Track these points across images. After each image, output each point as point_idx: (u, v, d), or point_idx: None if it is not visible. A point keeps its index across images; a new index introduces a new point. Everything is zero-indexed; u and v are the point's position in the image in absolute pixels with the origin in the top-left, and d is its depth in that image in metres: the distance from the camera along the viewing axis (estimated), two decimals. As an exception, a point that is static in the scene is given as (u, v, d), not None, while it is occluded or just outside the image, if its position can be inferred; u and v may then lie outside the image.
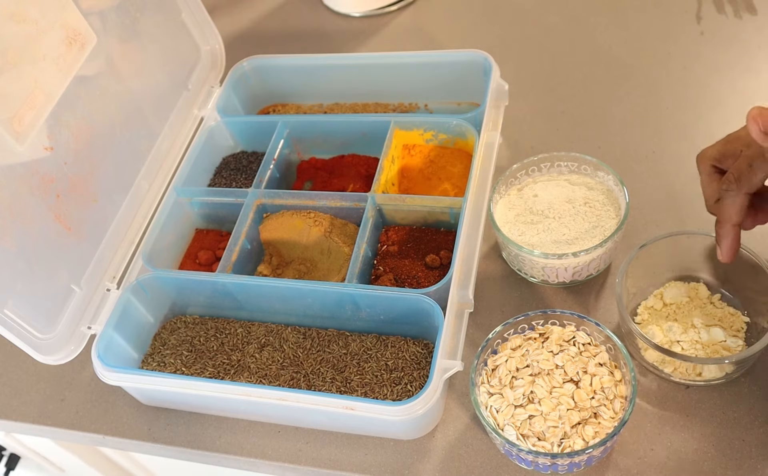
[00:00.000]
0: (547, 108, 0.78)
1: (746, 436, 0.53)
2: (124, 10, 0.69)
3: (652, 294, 0.60)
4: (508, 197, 0.66)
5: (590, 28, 0.86)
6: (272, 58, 0.82)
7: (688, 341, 0.55)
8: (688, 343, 0.55)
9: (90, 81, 0.66)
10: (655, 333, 0.57)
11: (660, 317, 0.58)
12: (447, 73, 0.76)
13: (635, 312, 0.60)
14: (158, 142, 0.74)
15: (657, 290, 0.60)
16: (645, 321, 0.59)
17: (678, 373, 0.55)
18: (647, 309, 0.60)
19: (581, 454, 0.50)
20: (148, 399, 0.64)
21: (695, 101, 0.75)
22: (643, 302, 0.60)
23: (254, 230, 0.71)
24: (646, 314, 0.59)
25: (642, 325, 0.58)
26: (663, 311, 0.59)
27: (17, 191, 0.59)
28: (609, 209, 0.62)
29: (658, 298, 0.60)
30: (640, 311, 0.60)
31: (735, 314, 0.57)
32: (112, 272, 0.67)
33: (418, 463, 0.57)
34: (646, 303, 0.60)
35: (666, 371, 0.56)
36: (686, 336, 0.56)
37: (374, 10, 0.95)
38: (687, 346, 0.55)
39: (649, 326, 0.58)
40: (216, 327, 0.67)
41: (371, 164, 0.75)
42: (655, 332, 0.57)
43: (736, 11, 0.82)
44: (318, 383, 0.60)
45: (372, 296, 0.60)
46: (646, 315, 0.59)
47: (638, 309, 0.60)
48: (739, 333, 0.56)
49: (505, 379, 0.54)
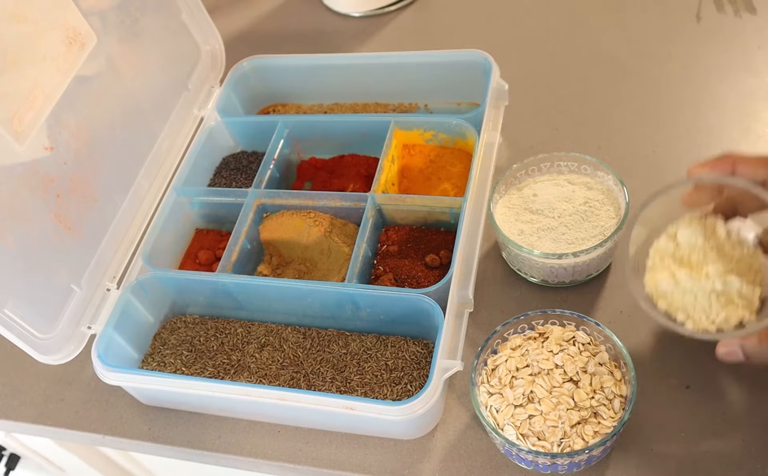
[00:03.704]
0: (547, 108, 0.78)
1: (746, 436, 0.53)
2: (124, 10, 0.69)
3: (664, 232, 0.54)
4: (508, 197, 0.66)
5: (590, 28, 0.86)
6: (272, 58, 0.82)
7: (701, 292, 0.51)
8: (702, 293, 0.51)
9: (90, 81, 0.66)
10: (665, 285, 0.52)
11: (673, 261, 0.53)
12: (447, 73, 0.76)
13: (646, 254, 0.55)
14: (158, 142, 0.74)
15: (671, 227, 0.54)
16: (655, 267, 0.54)
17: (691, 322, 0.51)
18: (658, 253, 0.54)
19: (581, 454, 0.50)
20: (148, 399, 0.64)
21: (695, 101, 0.75)
22: (655, 242, 0.55)
23: (254, 230, 0.71)
24: (657, 258, 0.54)
25: (652, 270, 0.54)
26: (675, 254, 0.53)
27: (17, 191, 0.59)
28: (609, 209, 0.62)
29: (671, 238, 0.54)
30: (651, 253, 0.54)
31: (753, 255, 0.52)
32: (112, 272, 0.67)
33: (418, 463, 0.57)
34: (658, 245, 0.54)
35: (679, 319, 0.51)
36: (699, 286, 0.51)
37: (374, 10, 0.95)
38: (701, 297, 0.51)
39: (660, 273, 0.53)
40: (216, 327, 0.67)
41: (371, 164, 0.75)
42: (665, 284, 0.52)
43: (736, 11, 0.82)
44: (318, 383, 0.60)
45: (372, 296, 0.60)
46: (657, 259, 0.54)
47: (650, 250, 0.55)
48: (757, 275, 0.51)
49: (505, 379, 0.54)
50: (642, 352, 0.58)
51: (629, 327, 0.60)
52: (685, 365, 0.57)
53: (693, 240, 0.53)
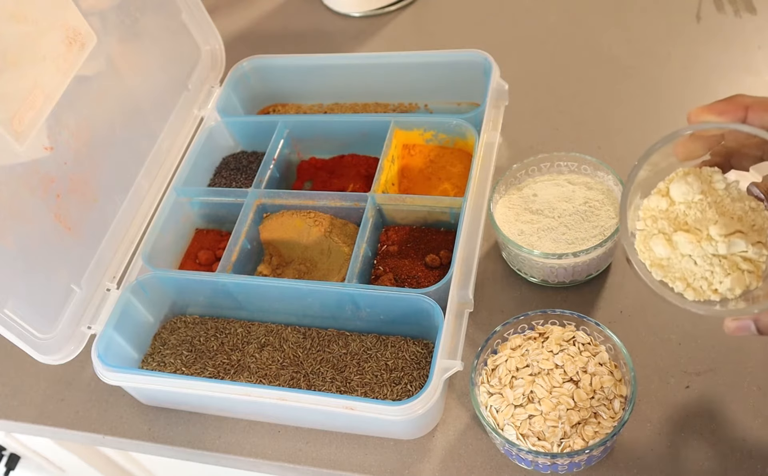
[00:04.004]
0: (547, 108, 0.78)
1: (746, 436, 0.53)
2: (124, 10, 0.69)
3: (654, 190, 0.48)
4: (508, 197, 0.66)
5: (590, 28, 0.86)
6: (272, 58, 0.82)
7: (701, 256, 0.45)
8: (702, 258, 0.45)
9: (90, 81, 0.66)
10: (660, 249, 0.46)
11: (667, 221, 0.47)
12: (447, 73, 0.76)
13: (637, 217, 0.48)
14: (158, 142, 0.74)
15: (661, 184, 0.48)
16: (648, 229, 0.47)
17: (691, 291, 0.46)
18: (650, 213, 0.48)
19: (581, 454, 0.50)
20: (148, 399, 0.64)
21: (695, 101, 0.74)
22: (644, 202, 0.48)
23: (254, 230, 0.71)
24: (649, 219, 0.48)
25: (644, 234, 0.48)
26: (669, 212, 0.47)
27: (17, 191, 0.59)
28: (609, 209, 0.62)
29: (663, 195, 0.48)
30: (641, 214, 0.48)
31: (757, 209, 0.46)
32: (112, 272, 0.67)
33: (418, 463, 0.57)
34: (648, 204, 0.48)
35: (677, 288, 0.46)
36: (699, 250, 0.45)
37: (374, 10, 0.95)
38: (701, 261, 0.45)
39: (654, 237, 0.47)
40: (216, 327, 0.67)
41: (371, 164, 0.75)
42: (660, 248, 0.46)
43: (736, 11, 0.82)
44: (318, 383, 0.60)
45: (372, 296, 0.60)
46: (649, 221, 0.47)
47: (639, 212, 0.48)
48: (762, 234, 0.46)
49: (505, 379, 0.54)
50: (642, 352, 0.58)
51: (629, 327, 0.60)
52: (685, 364, 0.57)
53: (689, 196, 0.47)
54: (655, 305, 0.61)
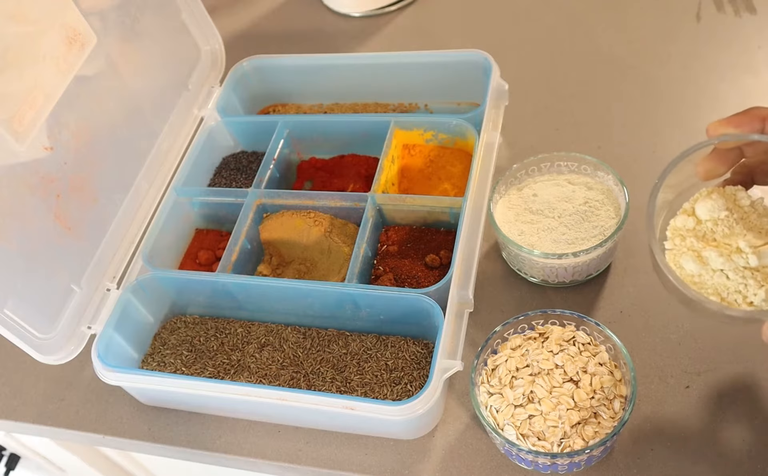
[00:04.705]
0: (547, 108, 0.78)
1: (747, 436, 0.53)
2: (124, 10, 0.69)
3: (680, 210, 0.49)
4: (508, 197, 0.66)
5: (590, 28, 0.86)
6: (272, 58, 0.82)
7: (733, 270, 0.46)
8: (734, 271, 0.46)
9: (90, 81, 0.66)
10: (691, 266, 0.47)
11: (695, 239, 0.48)
12: (447, 73, 0.76)
13: (664, 237, 0.49)
14: (158, 142, 0.74)
15: (686, 204, 0.49)
16: (676, 248, 0.48)
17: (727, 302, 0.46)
18: (678, 232, 0.48)
19: (581, 454, 0.50)
20: (148, 399, 0.64)
21: (695, 101, 0.75)
22: (671, 222, 0.49)
23: (254, 230, 0.71)
24: (677, 238, 0.48)
25: (672, 252, 0.48)
26: (697, 230, 0.48)
27: (17, 191, 0.59)
28: (609, 209, 0.62)
29: (689, 215, 0.48)
30: (669, 234, 0.49)
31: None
32: (112, 272, 0.67)
33: (418, 463, 0.57)
34: (675, 224, 0.49)
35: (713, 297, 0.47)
36: (731, 264, 0.46)
37: (374, 10, 0.95)
38: (733, 275, 0.46)
39: (683, 255, 0.47)
40: (216, 327, 0.67)
41: (371, 164, 0.75)
42: (691, 265, 0.47)
43: (736, 11, 0.82)
44: (318, 383, 0.60)
45: (372, 296, 0.60)
46: (677, 240, 0.48)
47: (667, 232, 0.49)
48: None
49: (505, 379, 0.54)
50: (642, 352, 0.58)
51: (629, 327, 0.60)
52: (685, 365, 0.57)
53: (715, 213, 0.48)
54: (655, 305, 0.61)
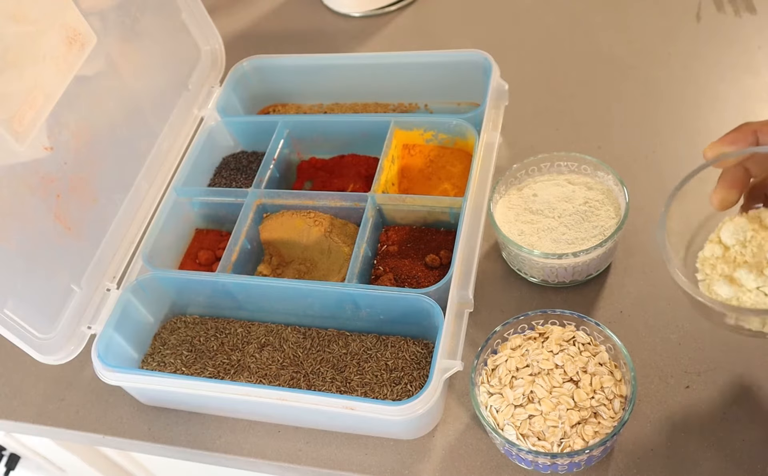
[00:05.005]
0: (547, 108, 0.78)
1: (747, 436, 0.53)
2: (124, 10, 0.69)
3: (707, 241, 0.50)
4: (508, 197, 0.66)
5: (590, 28, 0.86)
6: (272, 58, 0.82)
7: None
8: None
9: (90, 81, 0.66)
10: (726, 290, 0.47)
11: (726, 265, 0.48)
12: (447, 73, 0.76)
13: (695, 270, 0.50)
14: (158, 142, 0.74)
15: (712, 235, 0.50)
16: (708, 278, 0.49)
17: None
18: (706, 262, 0.49)
19: (581, 454, 0.50)
20: (148, 399, 0.64)
21: (695, 101, 0.75)
22: (699, 254, 0.50)
23: (254, 230, 0.71)
24: (708, 268, 0.49)
25: (705, 283, 0.49)
26: (727, 256, 0.48)
27: (17, 191, 0.59)
28: (609, 209, 0.62)
29: (716, 243, 0.49)
30: (699, 266, 0.50)
31: None
32: (112, 272, 0.67)
33: (418, 463, 0.57)
34: (703, 254, 0.50)
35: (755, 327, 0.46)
36: (764, 279, 0.46)
37: (374, 10, 0.95)
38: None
39: (716, 283, 0.48)
40: (216, 327, 0.67)
41: (371, 164, 0.75)
42: (725, 289, 0.47)
43: (736, 11, 0.82)
44: (318, 383, 0.60)
45: (372, 296, 0.60)
46: (708, 270, 0.49)
47: (696, 264, 0.50)
48: None
49: (505, 379, 0.54)
50: (642, 352, 0.58)
51: (629, 327, 0.60)
52: (685, 365, 0.57)
53: (741, 236, 0.48)
54: (655, 305, 0.61)
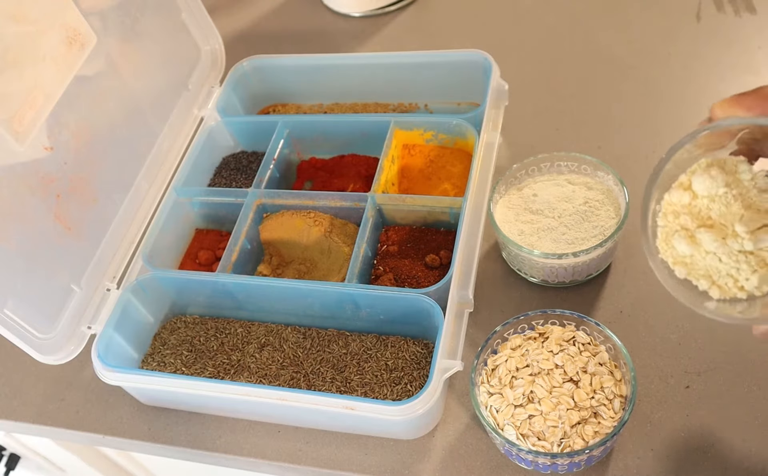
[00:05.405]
0: (547, 108, 0.78)
1: (746, 436, 0.53)
2: (124, 10, 0.69)
3: (676, 183, 0.46)
4: (508, 197, 0.66)
5: (590, 28, 0.86)
6: (272, 58, 0.82)
7: (726, 253, 0.43)
8: (728, 255, 0.43)
9: (90, 81, 0.66)
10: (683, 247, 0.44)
11: (690, 217, 0.45)
12: (447, 73, 0.76)
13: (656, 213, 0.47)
14: (158, 142, 0.74)
15: (683, 176, 0.46)
16: (669, 226, 0.46)
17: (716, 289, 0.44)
18: (671, 208, 0.46)
19: (581, 454, 0.50)
20: (148, 399, 0.64)
21: (695, 101, 0.75)
22: (665, 196, 0.46)
23: (254, 230, 0.71)
24: (671, 214, 0.46)
25: (665, 230, 0.46)
26: (692, 207, 0.45)
27: (17, 191, 0.59)
28: (609, 209, 0.62)
29: (685, 188, 0.45)
30: (662, 209, 0.46)
31: None
32: (112, 272, 0.67)
33: (418, 463, 0.57)
34: (670, 198, 0.46)
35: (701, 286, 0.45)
36: (725, 247, 0.43)
37: (374, 10, 0.95)
38: (726, 258, 0.43)
39: (677, 234, 0.45)
40: (216, 327, 0.67)
41: (371, 164, 0.75)
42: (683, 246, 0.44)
43: (736, 11, 0.82)
44: (318, 383, 0.60)
45: (372, 296, 0.60)
46: (670, 217, 0.46)
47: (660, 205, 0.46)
48: None
49: (505, 379, 0.54)
50: (642, 352, 0.58)
51: (629, 327, 0.60)
52: (685, 365, 0.57)
53: (712, 189, 0.44)
54: (655, 305, 0.61)
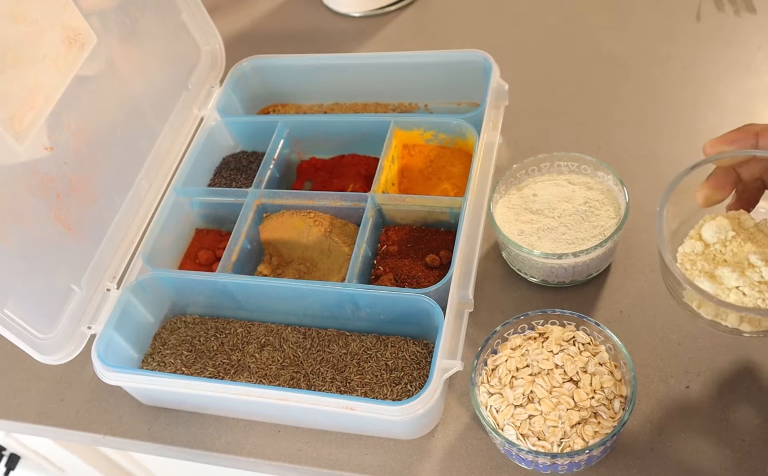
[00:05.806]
0: (547, 108, 0.78)
1: (746, 436, 0.53)
2: (124, 10, 0.69)
3: (687, 237, 0.50)
4: (508, 197, 0.66)
5: (590, 28, 0.86)
6: (272, 58, 0.82)
7: (749, 285, 0.46)
8: (750, 287, 0.46)
9: (90, 81, 0.66)
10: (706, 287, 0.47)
11: (706, 262, 0.48)
12: (447, 73, 0.76)
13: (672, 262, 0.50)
14: (158, 142, 0.74)
15: (692, 231, 0.50)
16: (688, 273, 0.49)
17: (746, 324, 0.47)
18: (686, 258, 0.50)
19: (581, 454, 0.50)
20: (148, 399, 0.64)
21: (695, 101, 0.75)
22: (680, 249, 0.50)
23: (254, 230, 0.71)
24: (687, 264, 0.49)
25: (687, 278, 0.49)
26: (707, 253, 0.49)
27: (17, 191, 0.59)
28: (609, 209, 0.62)
29: (696, 240, 0.50)
30: (679, 260, 0.50)
31: None
32: (112, 272, 0.67)
33: (418, 463, 0.57)
34: (683, 250, 0.50)
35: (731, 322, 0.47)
36: (745, 279, 0.46)
37: (374, 10, 0.95)
38: (749, 290, 0.46)
39: (697, 278, 0.48)
40: (216, 327, 0.67)
41: (371, 164, 0.75)
42: (706, 286, 0.47)
43: (736, 11, 0.82)
44: (318, 383, 0.60)
45: (372, 296, 0.60)
46: (687, 265, 0.49)
47: (677, 256, 0.51)
48: None
49: (505, 379, 0.54)
50: (642, 352, 0.58)
51: (629, 327, 0.60)
52: (685, 365, 0.57)
53: (722, 234, 0.49)
54: (655, 305, 0.61)
